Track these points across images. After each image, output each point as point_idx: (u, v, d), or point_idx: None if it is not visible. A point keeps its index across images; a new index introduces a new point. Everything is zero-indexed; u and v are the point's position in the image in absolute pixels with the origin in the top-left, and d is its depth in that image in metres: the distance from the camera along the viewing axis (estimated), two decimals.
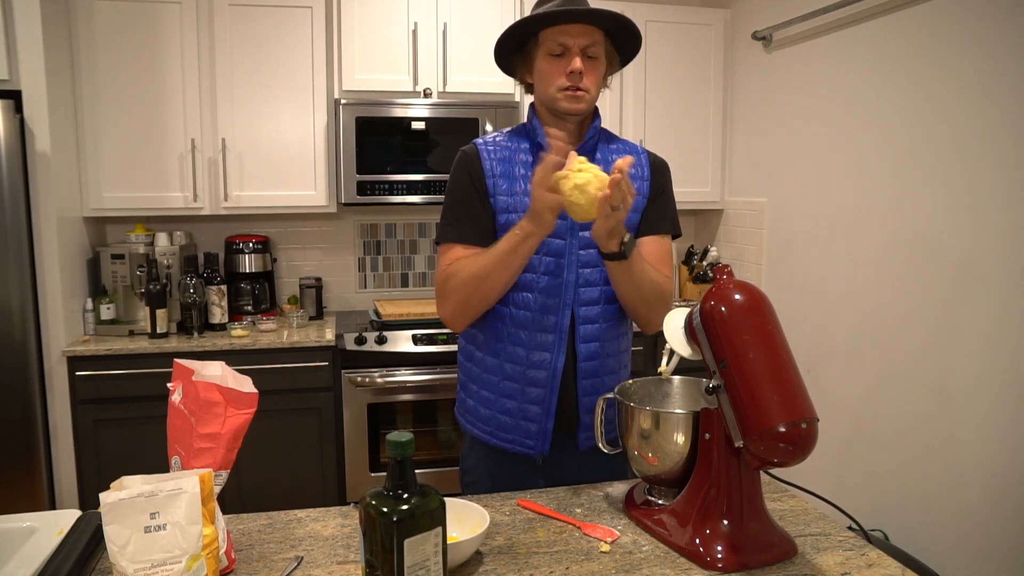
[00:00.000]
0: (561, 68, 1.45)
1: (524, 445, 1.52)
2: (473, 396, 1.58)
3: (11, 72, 2.57)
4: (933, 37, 2.30)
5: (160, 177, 2.95)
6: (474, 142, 1.55)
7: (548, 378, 1.48)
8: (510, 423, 1.52)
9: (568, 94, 1.46)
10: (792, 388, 1.06)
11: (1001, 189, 2.08)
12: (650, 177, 1.56)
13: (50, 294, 2.67)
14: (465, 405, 1.61)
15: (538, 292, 1.48)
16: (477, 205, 1.50)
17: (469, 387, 1.59)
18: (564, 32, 1.43)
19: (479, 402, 1.56)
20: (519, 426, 1.52)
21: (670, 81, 3.39)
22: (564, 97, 1.46)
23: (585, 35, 1.44)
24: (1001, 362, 2.09)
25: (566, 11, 1.41)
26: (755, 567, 1.10)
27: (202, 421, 1.09)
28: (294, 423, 2.89)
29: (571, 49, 1.44)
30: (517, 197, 1.49)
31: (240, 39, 2.96)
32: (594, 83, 1.48)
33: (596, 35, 1.45)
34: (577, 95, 1.46)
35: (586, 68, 1.45)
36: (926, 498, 2.34)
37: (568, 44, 1.44)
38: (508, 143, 1.55)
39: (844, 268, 2.72)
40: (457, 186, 1.52)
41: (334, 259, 3.48)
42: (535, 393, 1.49)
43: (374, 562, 0.91)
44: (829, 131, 2.79)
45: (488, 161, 1.51)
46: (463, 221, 1.50)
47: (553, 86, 1.46)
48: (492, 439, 1.55)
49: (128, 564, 0.94)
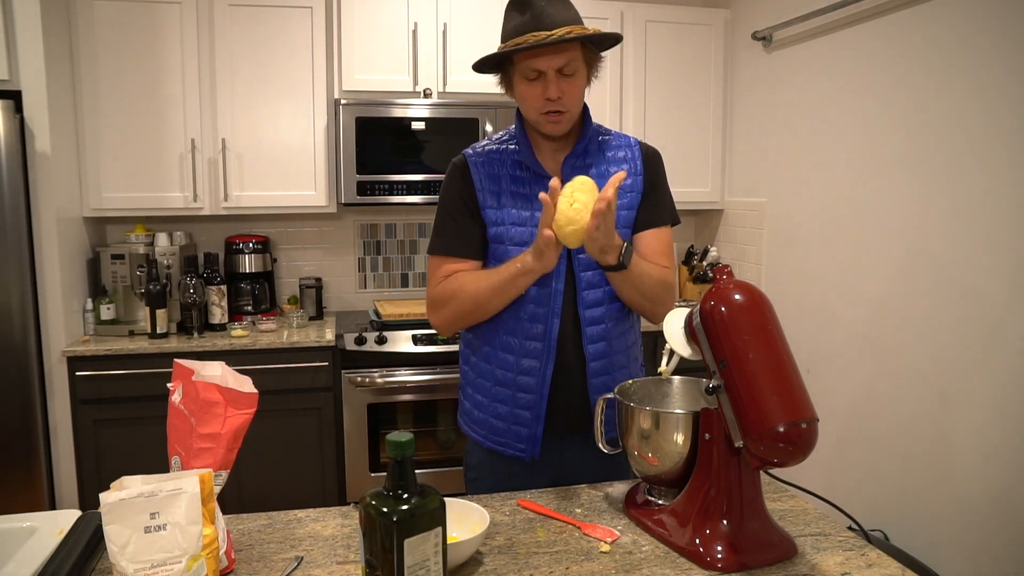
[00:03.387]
0: (538, 92, 1.42)
1: (516, 448, 1.54)
2: (469, 399, 1.61)
3: (11, 72, 2.57)
4: (933, 37, 2.30)
5: (160, 177, 2.95)
6: (464, 153, 1.56)
7: (537, 385, 1.50)
8: (502, 427, 1.54)
9: (548, 118, 1.45)
10: (792, 388, 1.06)
11: (1001, 189, 2.08)
12: (643, 171, 1.55)
13: (50, 294, 2.67)
14: (463, 407, 1.65)
15: (527, 301, 1.48)
16: (467, 218, 1.52)
17: (466, 390, 1.62)
18: (536, 56, 1.40)
19: (474, 405, 1.59)
20: (510, 430, 1.54)
21: (670, 81, 3.39)
22: (544, 121, 1.45)
23: (560, 56, 1.40)
24: (1001, 362, 2.09)
25: (532, 45, 1.36)
26: (755, 567, 1.10)
27: (202, 421, 1.09)
28: (294, 423, 2.89)
29: (545, 73, 1.41)
30: (505, 210, 1.50)
31: (240, 39, 2.96)
32: (574, 101, 1.46)
33: (570, 52, 1.41)
34: (556, 119, 1.45)
35: (563, 88, 1.42)
36: (926, 498, 2.34)
37: (542, 68, 1.40)
38: (496, 154, 1.54)
39: (844, 268, 2.72)
40: (447, 198, 1.55)
41: (334, 259, 3.48)
42: (525, 399, 1.51)
43: (374, 562, 0.91)
44: (829, 131, 2.79)
45: (477, 174, 1.52)
46: (452, 234, 1.53)
47: (534, 110, 1.45)
48: (487, 442, 1.57)
49: (128, 564, 0.94)
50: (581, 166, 1.52)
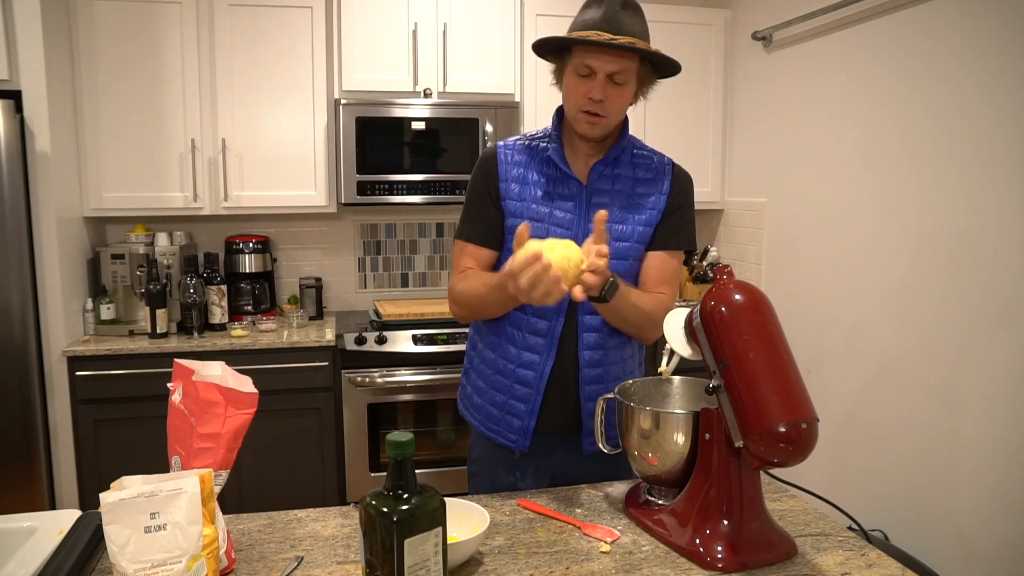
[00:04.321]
0: (585, 89, 1.41)
1: (507, 438, 1.56)
2: (471, 383, 1.64)
3: (11, 72, 2.57)
4: (933, 37, 2.30)
5: (160, 177, 2.95)
6: (496, 144, 1.59)
7: (536, 379, 1.51)
8: (497, 415, 1.57)
9: (586, 117, 1.44)
10: (792, 388, 1.06)
11: (1001, 189, 2.08)
12: (669, 191, 1.54)
13: (50, 294, 2.67)
14: (464, 391, 1.68)
15: None
16: (489, 207, 1.54)
17: (470, 374, 1.66)
18: (594, 54, 1.39)
19: (475, 390, 1.62)
20: (504, 419, 1.56)
21: (670, 81, 3.36)
22: (582, 119, 1.45)
23: (615, 61, 1.39)
24: (1001, 361, 2.09)
25: (593, 41, 1.36)
26: (755, 567, 1.10)
27: (202, 421, 1.09)
28: (294, 423, 2.89)
29: (597, 73, 1.40)
30: (525, 203, 1.51)
31: (240, 39, 2.96)
32: (616, 109, 1.44)
33: (627, 61, 1.40)
34: (594, 120, 1.44)
35: (609, 94, 1.41)
36: (926, 498, 2.34)
37: (595, 67, 1.39)
38: (529, 149, 1.55)
39: (844, 268, 2.72)
40: (474, 186, 1.57)
41: (334, 259, 3.48)
42: (522, 392, 1.53)
43: (374, 562, 0.91)
44: (829, 131, 2.79)
45: (504, 165, 1.54)
46: (475, 221, 1.56)
47: (575, 106, 1.45)
48: (481, 427, 1.61)
49: (128, 564, 0.94)
50: (610, 175, 1.53)
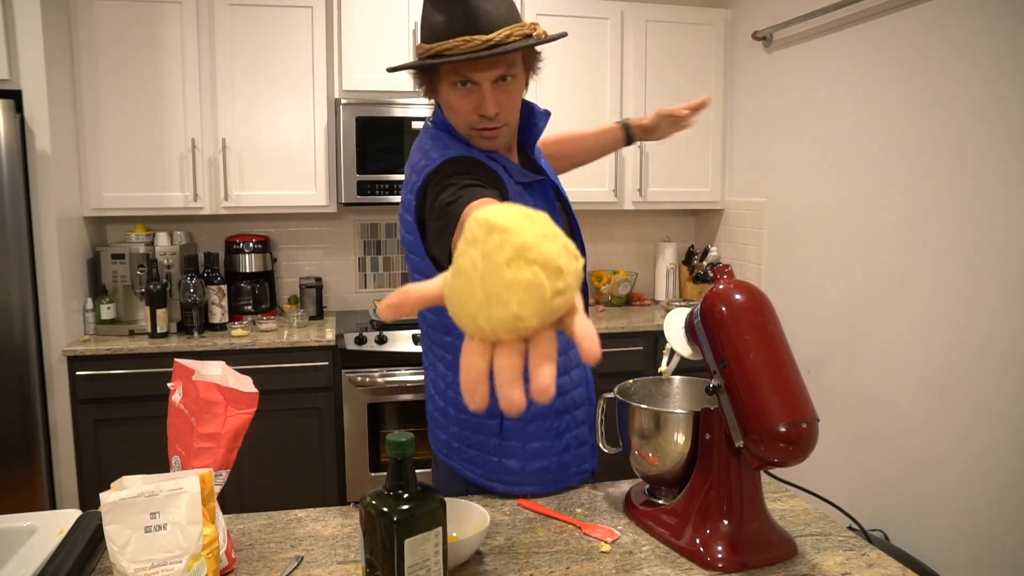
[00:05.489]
0: (470, 103, 1.20)
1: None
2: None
3: (11, 72, 2.57)
4: (933, 37, 2.30)
5: (160, 177, 2.95)
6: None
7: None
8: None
9: (481, 133, 1.24)
10: (792, 388, 1.06)
11: (1002, 188, 2.08)
12: None
13: (50, 294, 2.67)
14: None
15: None
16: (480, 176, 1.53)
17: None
18: (470, 64, 1.17)
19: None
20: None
21: (670, 81, 3.38)
22: (477, 136, 1.25)
23: (496, 67, 1.17)
24: (1000, 361, 2.09)
25: (467, 55, 1.13)
26: (755, 567, 1.10)
27: (202, 421, 1.09)
28: (294, 423, 2.89)
29: (479, 84, 1.19)
30: None
31: (240, 39, 2.96)
32: (512, 110, 1.25)
33: (509, 57, 1.18)
34: (492, 134, 1.24)
35: (501, 100, 1.20)
36: (926, 498, 2.34)
37: (477, 79, 1.18)
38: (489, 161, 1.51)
39: (844, 268, 2.72)
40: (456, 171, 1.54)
41: (334, 259, 3.48)
42: None
43: (374, 562, 0.91)
44: (829, 131, 2.79)
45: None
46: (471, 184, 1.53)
47: (464, 124, 1.24)
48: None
49: (128, 564, 0.94)
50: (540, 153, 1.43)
